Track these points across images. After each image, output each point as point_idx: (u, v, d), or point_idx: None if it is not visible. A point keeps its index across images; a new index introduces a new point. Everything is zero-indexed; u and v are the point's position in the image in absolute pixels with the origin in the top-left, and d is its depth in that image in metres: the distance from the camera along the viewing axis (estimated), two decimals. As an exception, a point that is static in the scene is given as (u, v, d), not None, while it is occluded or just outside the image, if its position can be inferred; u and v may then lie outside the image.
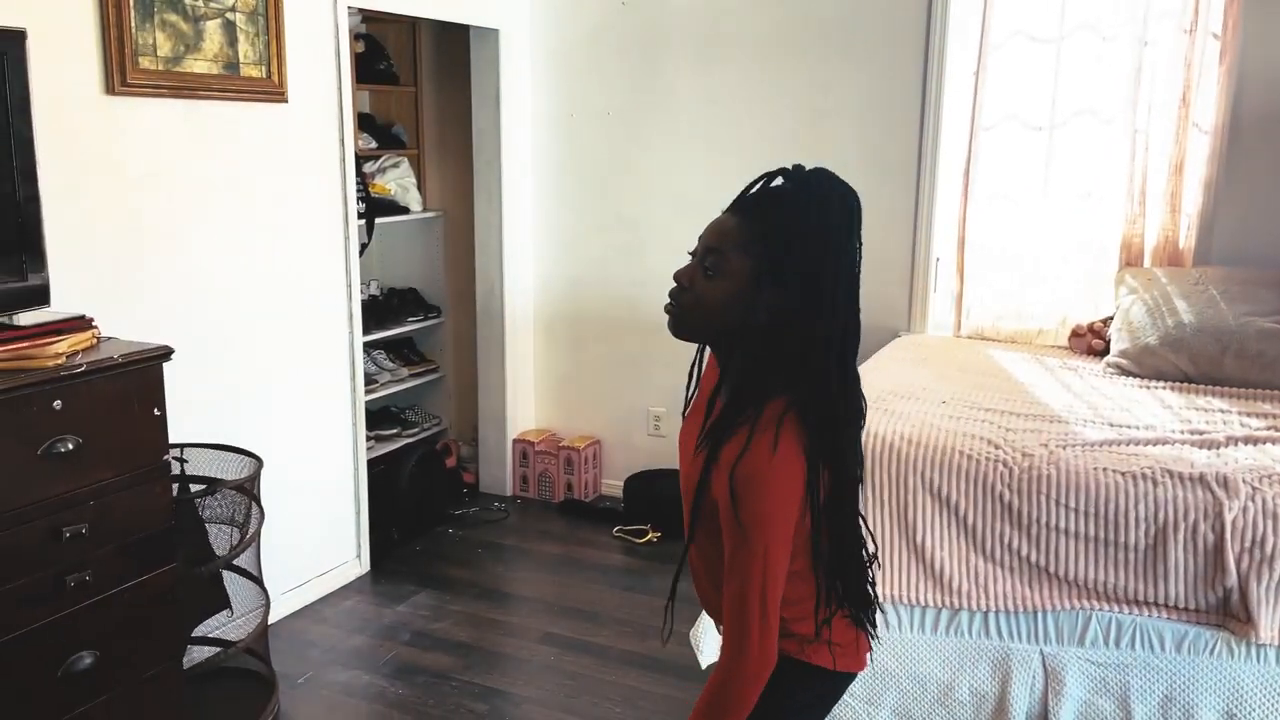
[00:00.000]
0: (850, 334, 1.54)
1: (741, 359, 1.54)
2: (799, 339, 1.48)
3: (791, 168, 1.56)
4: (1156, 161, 3.64)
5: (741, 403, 1.50)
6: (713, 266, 1.54)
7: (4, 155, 2.21)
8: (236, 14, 3.13)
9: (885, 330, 4.08)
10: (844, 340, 1.53)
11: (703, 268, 1.55)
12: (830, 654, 1.60)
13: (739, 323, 1.51)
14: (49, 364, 2.16)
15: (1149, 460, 2.48)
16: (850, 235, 1.54)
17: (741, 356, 1.54)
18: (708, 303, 1.54)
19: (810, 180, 1.54)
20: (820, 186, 1.54)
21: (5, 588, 2.09)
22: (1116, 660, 2.47)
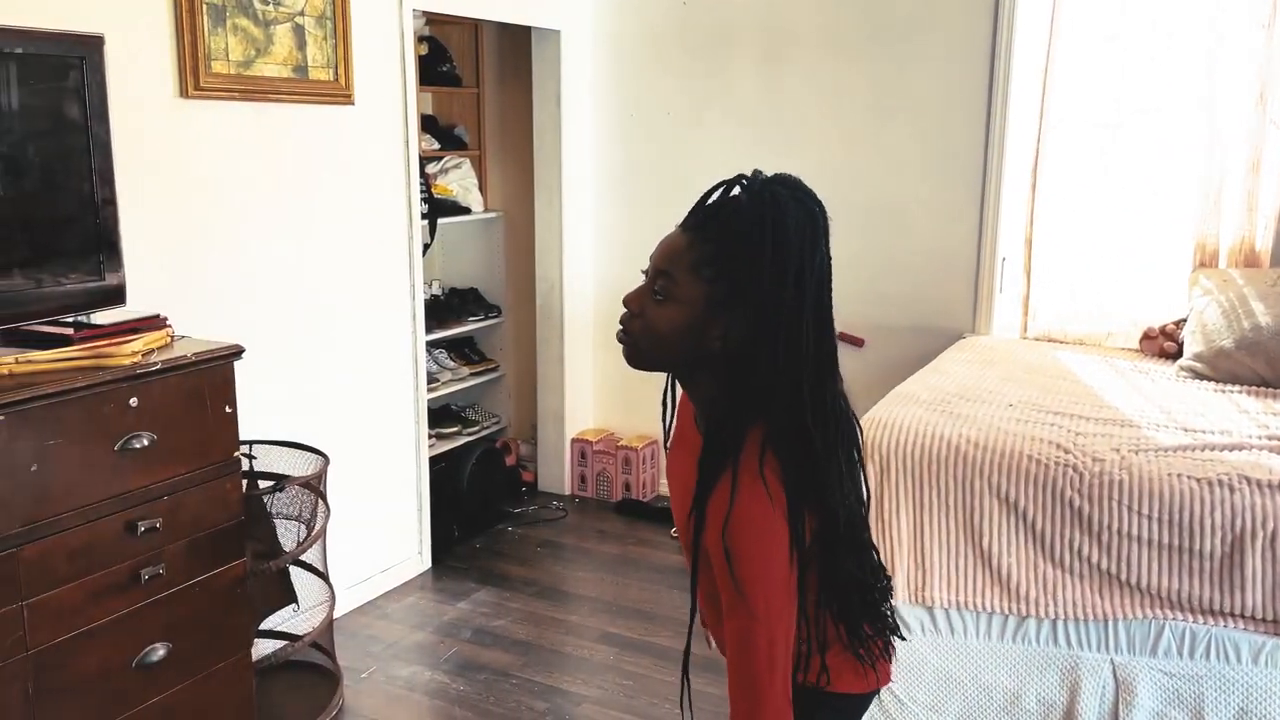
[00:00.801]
0: (823, 359, 1.41)
1: (706, 390, 1.43)
2: (760, 370, 1.35)
3: (750, 175, 1.41)
4: (1232, 160, 3.54)
5: (716, 443, 1.37)
6: (662, 290, 1.38)
7: (83, 158, 2.27)
8: (305, 18, 3.18)
9: (949, 332, 4.03)
10: (815, 366, 1.39)
11: (652, 291, 1.40)
12: (853, 680, 1.50)
13: (693, 352, 1.39)
14: (125, 362, 2.21)
15: (1225, 466, 2.42)
16: (814, 252, 1.38)
17: (706, 387, 1.43)
18: (659, 330, 1.39)
19: (765, 191, 1.37)
20: (777, 198, 1.37)
21: (83, 580, 2.15)
22: (1190, 671, 2.41)
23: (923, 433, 2.62)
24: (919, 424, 2.66)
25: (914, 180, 4.05)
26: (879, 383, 3.83)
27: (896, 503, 2.59)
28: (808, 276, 1.36)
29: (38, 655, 2.08)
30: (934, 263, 4.05)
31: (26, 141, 2.20)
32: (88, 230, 2.30)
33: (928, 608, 2.57)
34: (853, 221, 4.20)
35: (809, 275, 1.36)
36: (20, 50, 2.15)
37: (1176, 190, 3.67)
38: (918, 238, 4.07)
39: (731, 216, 1.37)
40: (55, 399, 2.06)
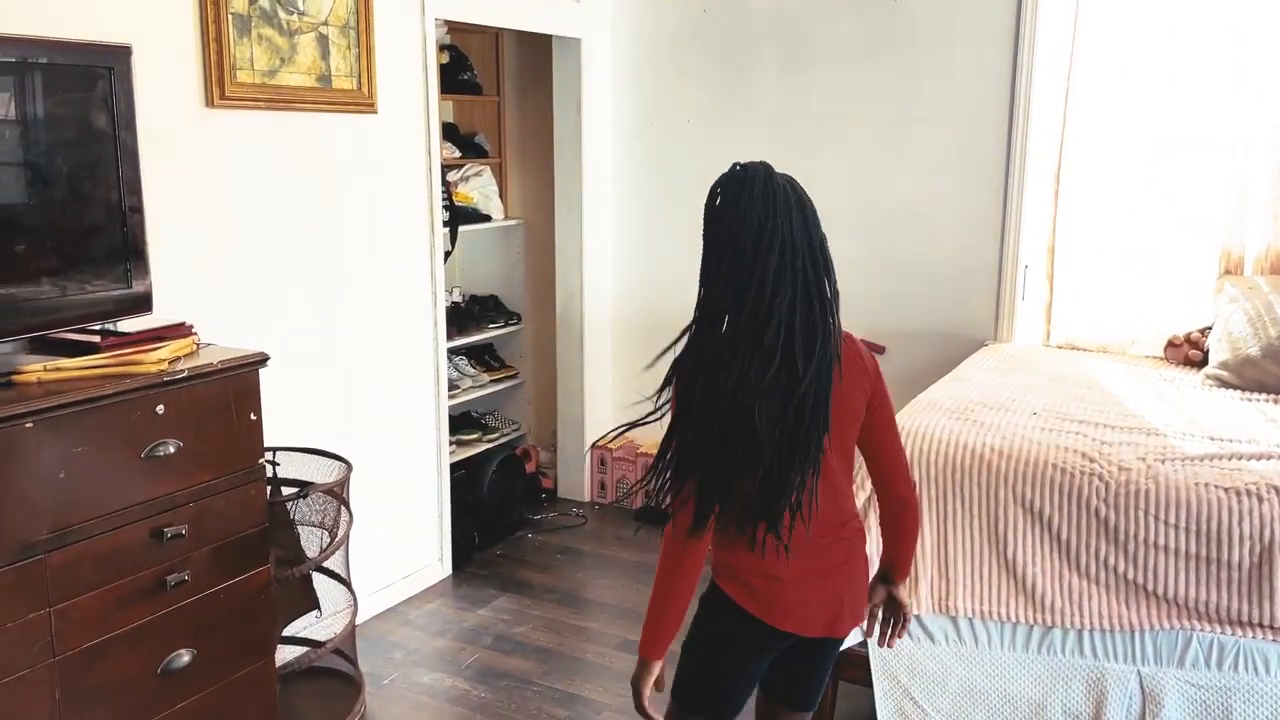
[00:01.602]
0: (746, 308, 1.70)
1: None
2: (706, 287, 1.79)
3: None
4: (1257, 167, 3.52)
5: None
6: None
7: (110, 166, 2.29)
8: (329, 28, 3.20)
9: (971, 339, 4.01)
10: (735, 310, 1.71)
11: None
12: (737, 589, 1.82)
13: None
14: (152, 370, 2.22)
15: (1253, 475, 2.39)
16: (740, 210, 1.75)
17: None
18: None
19: (724, 174, 1.85)
20: (725, 175, 1.84)
21: (109, 586, 2.16)
22: (1219, 683, 2.39)
23: (946, 441, 2.61)
24: (942, 432, 2.65)
25: (936, 187, 4.04)
26: (901, 390, 3.80)
27: (920, 511, 2.57)
28: (730, 232, 1.75)
29: (65, 661, 2.09)
30: (956, 270, 4.04)
31: (55, 150, 2.22)
32: (115, 238, 2.32)
33: (952, 617, 2.55)
34: (875, 228, 4.19)
35: (730, 231, 1.75)
36: (50, 61, 2.17)
37: (1201, 197, 3.64)
38: (940, 245, 4.06)
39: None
40: (83, 406, 2.07)
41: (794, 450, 1.71)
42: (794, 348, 1.69)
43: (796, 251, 1.74)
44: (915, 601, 2.55)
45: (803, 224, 1.78)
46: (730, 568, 1.83)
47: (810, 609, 1.84)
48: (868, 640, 2.59)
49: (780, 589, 1.81)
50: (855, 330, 2.03)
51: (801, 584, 1.82)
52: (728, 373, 1.69)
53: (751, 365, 1.68)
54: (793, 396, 1.69)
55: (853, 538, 1.91)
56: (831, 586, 1.86)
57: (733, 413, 1.69)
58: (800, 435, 1.71)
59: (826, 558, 1.85)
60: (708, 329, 1.75)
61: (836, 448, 1.83)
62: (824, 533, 1.83)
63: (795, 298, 1.71)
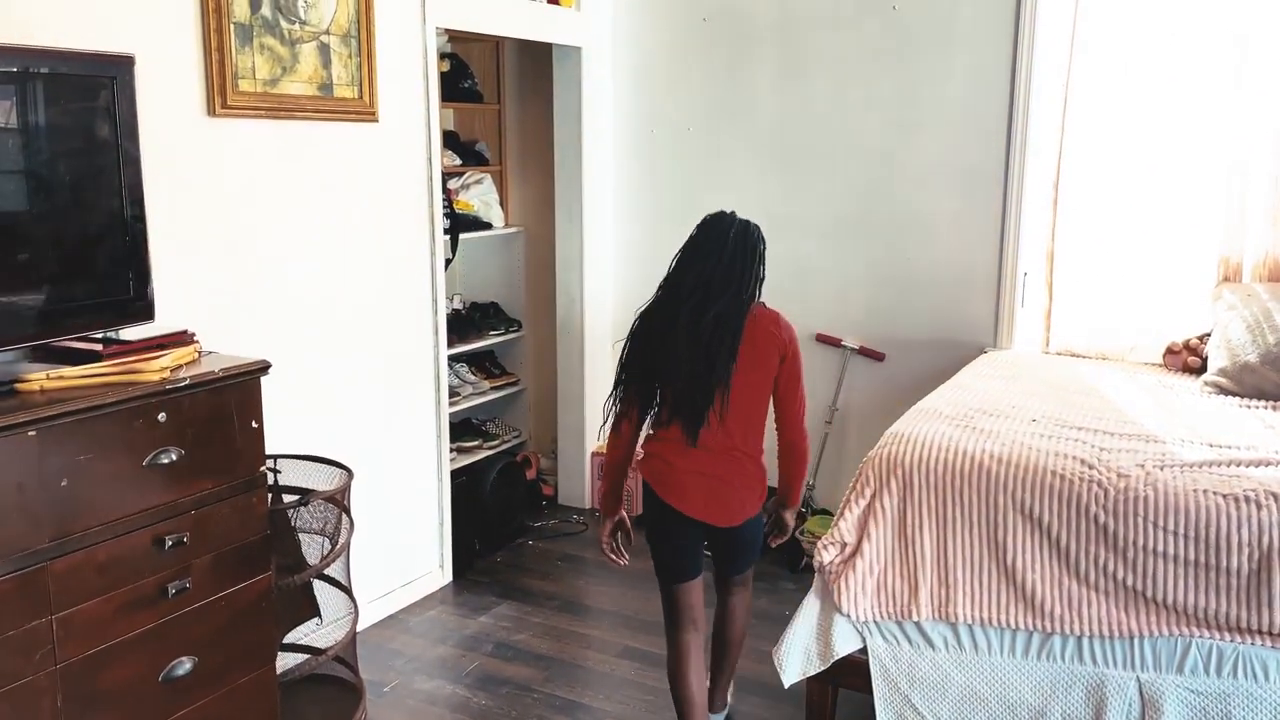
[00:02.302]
0: (676, 283, 2.61)
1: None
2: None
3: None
4: (1256, 174, 3.53)
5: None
6: None
7: (113, 176, 2.30)
8: (330, 37, 3.22)
9: (971, 346, 4.02)
10: (671, 284, 2.62)
11: None
12: (646, 465, 2.64)
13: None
14: (154, 378, 2.23)
15: (1252, 482, 2.40)
16: (697, 232, 2.70)
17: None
18: None
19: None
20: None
21: (111, 594, 2.17)
22: (1218, 689, 2.39)
23: (946, 448, 2.61)
24: (942, 439, 2.66)
25: (935, 195, 4.05)
26: (900, 397, 3.83)
27: (920, 518, 2.58)
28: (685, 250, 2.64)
29: (66, 668, 2.10)
30: (955, 277, 4.05)
31: (58, 160, 2.23)
32: (117, 247, 2.33)
33: (952, 624, 2.55)
34: (874, 235, 4.21)
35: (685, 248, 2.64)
36: (53, 70, 2.19)
37: (1200, 204, 3.65)
38: (939, 252, 4.07)
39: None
40: (85, 415, 2.08)
41: (709, 370, 2.50)
42: (703, 306, 2.51)
43: (723, 253, 2.60)
44: (916, 608, 2.55)
45: (736, 247, 2.62)
46: (649, 453, 2.64)
47: (688, 494, 2.59)
48: (866, 644, 2.61)
49: (670, 471, 2.60)
50: (854, 337, 3.46)
51: (686, 475, 2.58)
52: (656, 317, 2.59)
53: (676, 312, 2.53)
54: (698, 335, 2.49)
55: (743, 461, 2.61)
56: (708, 486, 2.59)
57: (658, 341, 2.56)
58: (711, 361, 2.50)
59: (713, 466, 2.58)
60: (654, 298, 2.63)
61: (749, 391, 2.57)
62: (720, 449, 2.57)
63: (709, 281, 2.55)
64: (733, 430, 2.57)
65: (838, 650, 2.61)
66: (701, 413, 2.51)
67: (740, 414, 2.57)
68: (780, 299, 4.40)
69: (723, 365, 2.50)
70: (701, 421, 2.52)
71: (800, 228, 4.33)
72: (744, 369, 2.54)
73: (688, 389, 2.51)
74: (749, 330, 2.56)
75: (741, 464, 2.61)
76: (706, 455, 2.56)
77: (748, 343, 2.55)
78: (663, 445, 2.60)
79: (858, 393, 4.33)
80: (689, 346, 2.50)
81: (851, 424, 4.35)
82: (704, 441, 2.54)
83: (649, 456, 2.64)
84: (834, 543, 2.64)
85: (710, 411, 2.51)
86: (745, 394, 2.56)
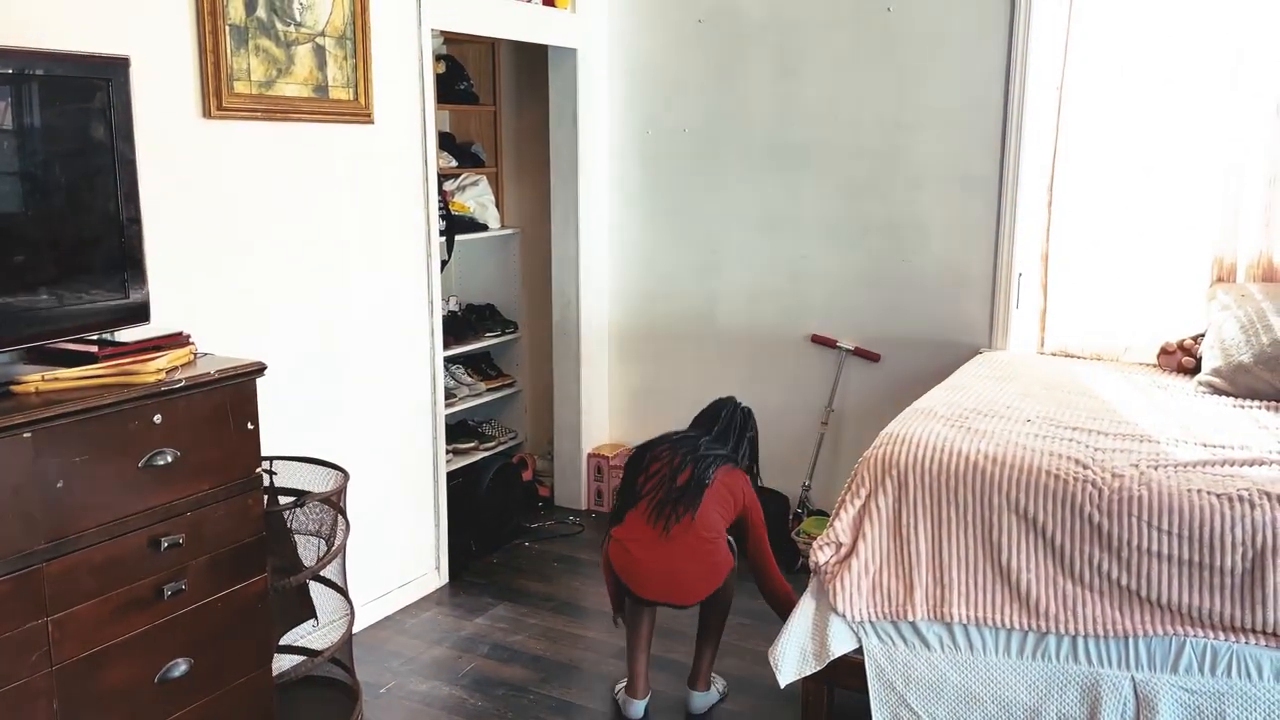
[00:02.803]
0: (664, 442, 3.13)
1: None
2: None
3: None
4: (1250, 175, 3.54)
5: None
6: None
7: (108, 178, 2.31)
8: (326, 38, 3.22)
9: (966, 347, 4.03)
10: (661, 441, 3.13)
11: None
12: (614, 546, 3.01)
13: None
14: (150, 379, 2.23)
15: (1245, 482, 2.41)
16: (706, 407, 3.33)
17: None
18: None
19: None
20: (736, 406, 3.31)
21: (107, 596, 2.17)
22: (1212, 689, 2.40)
23: (941, 448, 2.62)
24: (937, 440, 2.66)
25: (930, 196, 4.06)
26: (896, 398, 3.84)
27: (915, 518, 2.59)
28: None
29: (62, 670, 2.10)
30: (951, 278, 4.06)
31: (53, 161, 2.23)
32: (112, 249, 2.33)
33: (947, 624, 2.56)
34: (868, 236, 4.22)
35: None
36: (48, 72, 2.19)
37: (1194, 204, 3.66)
38: (934, 253, 4.08)
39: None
40: (81, 416, 2.08)
41: (680, 495, 2.91)
42: (680, 451, 3.02)
43: (715, 425, 3.19)
44: (911, 608, 2.56)
45: (725, 424, 3.20)
46: (614, 537, 2.99)
47: (645, 579, 2.93)
48: (861, 644, 2.61)
49: (630, 560, 2.93)
50: (849, 338, 3.84)
51: (645, 558, 2.90)
52: (641, 459, 3.09)
53: (659, 458, 3.04)
54: (681, 469, 2.96)
55: (705, 538, 2.89)
56: (668, 576, 2.91)
57: (641, 473, 3.04)
58: (685, 484, 2.93)
59: (672, 554, 2.88)
60: (650, 441, 3.16)
61: (714, 498, 2.95)
62: (679, 539, 2.88)
63: (686, 449, 3.02)
64: (696, 527, 2.89)
65: (833, 650, 2.62)
66: (670, 521, 2.89)
67: (706, 519, 2.93)
68: (775, 300, 4.44)
69: (695, 490, 2.91)
70: (670, 525, 2.89)
71: (795, 229, 4.33)
72: (711, 500, 2.94)
73: (659, 504, 2.92)
74: (715, 483, 2.97)
75: (703, 549, 2.90)
76: (668, 546, 2.88)
77: (719, 483, 2.98)
78: (626, 532, 2.96)
79: (853, 393, 4.33)
80: (658, 487, 2.96)
81: (847, 425, 4.36)
82: (657, 536, 2.91)
83: (614, 540, 2.98)
84: (829, 543, 2.65)
85: (677, 525, 2.88)
86: (711, 511, 2.94)
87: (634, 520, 2.96)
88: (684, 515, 2.88)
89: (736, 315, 4.51)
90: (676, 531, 2.88)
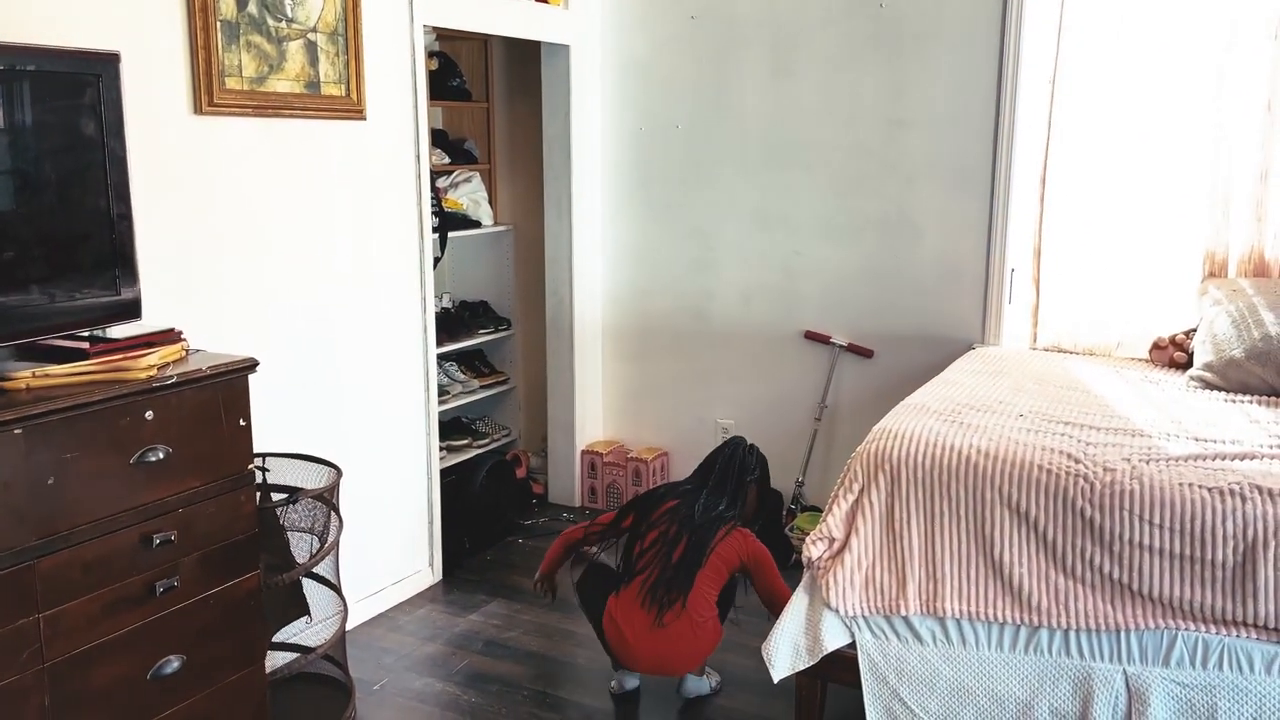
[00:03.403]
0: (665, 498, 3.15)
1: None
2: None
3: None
4: (1241, 169, 3.55)
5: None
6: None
7: (99, 173, 2.30)
8: (318, 34, 3.21)
9: (958, 342, 4.04)
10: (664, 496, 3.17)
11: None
12: (608, 623, 3.02)
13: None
14: (141, 376, 2.23)
15: (1237, 475, 2.41)
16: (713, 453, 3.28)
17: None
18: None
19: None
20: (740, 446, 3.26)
21: (99, 593, 2.16)
22: (1203, 681, 2.40)
23: (933, 443, 2.62)
24: (930, 434, 2.67)
25: (923, 191, 4.07)
26: (888, 393, 3.84)
27: (908, 513, 2.59)
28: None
29: (54, 667, 2.09)
30: (943, 273, 4.06)
31: (43, 158, 2.22)
32: (103, 245, 2.33)
33: (939, 618, 2.56)
34: (862, 232, 4.22)
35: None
36: (38, 68, 2.18)
37: (1186, 200, 3.67)
38: (927, 248, 4.09)
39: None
40: (71, 413, 2.08)
41: (674, 578, 2.92)
42: (677, 520, 3.02)
43: (709, 475, 3.16)
44: (904, 603, 2.56)
45: (723, 475, 3.14)
46: (609, 611, 3.00)
47: (636, 660, 2.99)
48: (854, 639, 2.61)
49: (622, 642, 2.97)
50: (842, 333, 3.74)
51: (638, 643, 2.95)
52: (640, 523, 3.11)
53: (656, 526, 3.05)
54: (676, 543, 2.97)
55: (696, 622, 2.92)
56: (660, 652, 2.95)
57: (638, 541, 3.06)
58: (678, 563, 2.94)
59: (663, 640, 2.92)
60: (650, 491, 3.27)
61: (708, 573, 2.94)
62: (674, 626, 2.90)
63: (682, 516, 3.02)
64: (689, 613, 2.92)
65: (826, 645, 2.62)
66: (663, 609, 2.91)
67: (700, 599, 2.94)
68: (769, 297, 4.44)
69: (688, 573, 2.91)
70: (664, 612, 2.91)
71: (788, 225, 4.34)
72: (704, 578, 2.94)
73: (653, 588, 2.93)
74: (719, 544, 2.97)
75: (693, 626, 2.93)
76: (661, 632, 2.92)
77: (715, 554, 2.96)
78: (621, 610, 2.97)
79: (846, 389, 4.34)
80: (665, 544, 2.97)
81: (840, 420, 4.36)
82: (663, 621, 2.92)
83: (610, 617, 3.00)
84: (822, 538, 2.65)
85: (669, 612, 2.90)
86: (704, 590, 2.96)
87: (628, 599, 2.96)
88: (676, 601, 2.90)
89: (730, 311, 4.51)
90: (669, 618, 2.90)
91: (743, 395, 4.55)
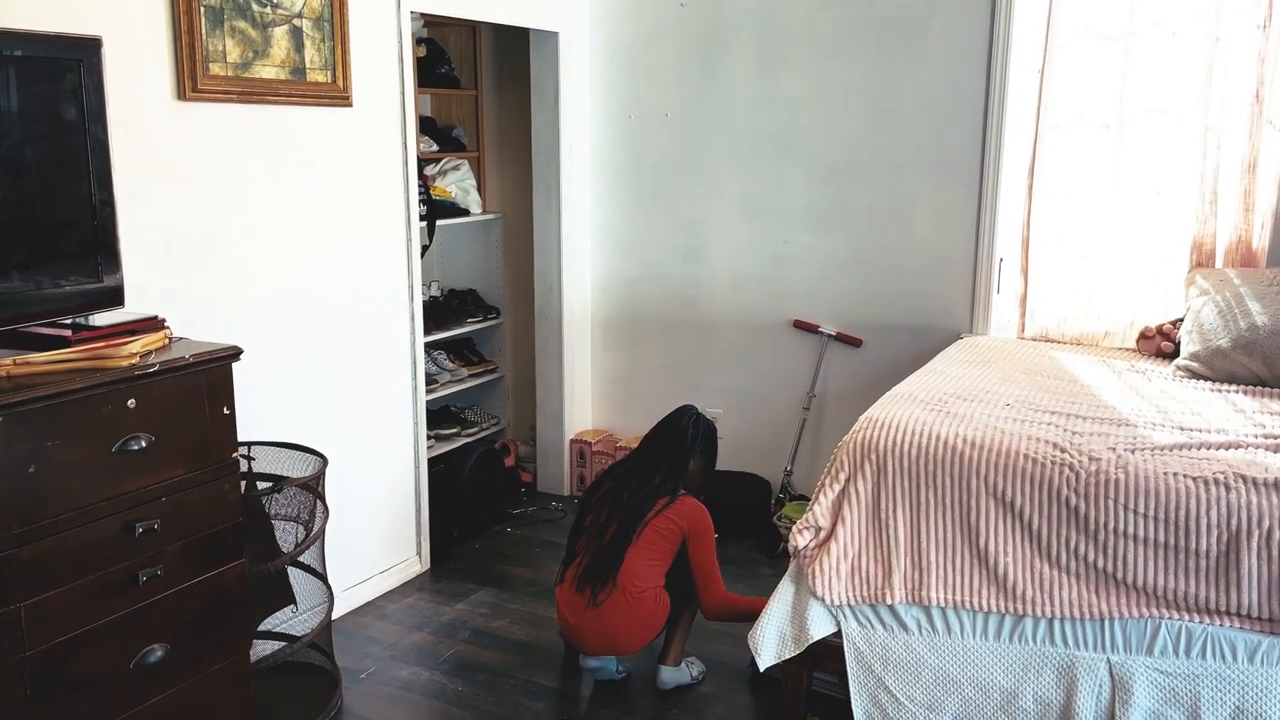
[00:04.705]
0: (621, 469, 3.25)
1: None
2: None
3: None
4: (1229, 160, 3.55)
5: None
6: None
7: (81, 160, 2.28)
8: (303, 20, 3.19)
9: (947, 332, 4.04)
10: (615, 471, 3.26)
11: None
12: (558, 611, 3.13)
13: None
14: (123, 364, 2.21)
15: (1221, 465, 2.42)
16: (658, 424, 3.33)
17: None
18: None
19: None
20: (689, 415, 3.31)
21: (81, 581, 2.15)
22: (1186, 670, 2.41)
23: (920, 432, 2.62)
24: (916, 424, 2.67)
25: (912, 181, 4.06)
26: (876, 382, 3.85)
27: (894, 502, 2.59)
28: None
29: (36, 656, 2.08)
30: (931, 263, 4.06)
31: (24, 144, 2.20)
32: (86, 232, 2.31)
33: (925, 607, 2.57)
34: (851, 222, 4.22)
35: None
36: (18, 53, 2.16)
37: (1173, 190, 3.67)
38: (915, 238, 4.08)
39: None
40: (53, 400, 2.06)
41: (606, 554, 2.99)
42: (608, 503, 3.11)
43: (648, 449, 3.22)
44: (889, 591, 2.56)
45: (660, 448, 3.19)
46: (557, 601, 3.13)
47: (584, 641, 3.07)
48: (840, 628, 2.62)
49: (566, 624, 3.09)
50: (831, 323, 3.84)
51: (580, 625, 3.03)
52: (590, 498, 3.22)
53: (592, 509, 3.17)
54: (608, 526, 3.04)
55: (631, 594, 2.96)
56: (601, 630, 3.00)
57: (586, 516, 3.18)
58: (609, 547, 3.00)
59: (602, 618, 2.98)
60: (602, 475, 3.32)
61: (644, 547, 3.00)
62: (609, 604, 2.96)
63: (613, 499, 3.09)
64: (621, 586, 2.96)
65: (812, 634, 2.62)
66: (596, 589, 2.97)
67: (633, 573, 2.98)
68: (758, 286, 4.43)
69: (617, 551, 2.97)
70: (596, 592, 2.98)
71: (778, 214, 4.33)
72: (640, 551, 2.99)
73: (586, 571, 3.02)
74: (654, 518, 3.02)
75: (635, 601, 2.97)
76: (598, 612, 2.97)
77: (650, 529, 3.01)
78: (563, 595, 3.09)
79: (835, 378, 4.34)
80: (596, 528, 3.07)
81: (829, 409, 4.36)
82: (596, 601, 2.98)
83: (557, 604, 3.13)
84: (808, 527, 2.65)
85: (601, 592, 2.96)
86: (642, 553, 3.00)
87: (568, 585, 3.08)
88: (606, 581, 2.96)
89: (719, 300, 4.51)
90: (602, 597, 2.96)
91: (731, 384, 4.55)
